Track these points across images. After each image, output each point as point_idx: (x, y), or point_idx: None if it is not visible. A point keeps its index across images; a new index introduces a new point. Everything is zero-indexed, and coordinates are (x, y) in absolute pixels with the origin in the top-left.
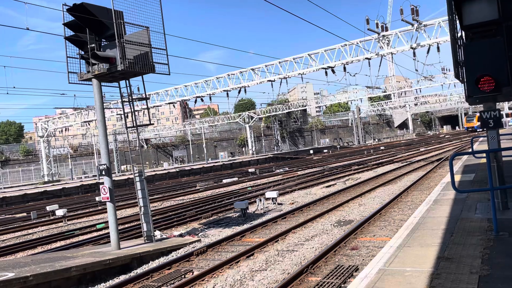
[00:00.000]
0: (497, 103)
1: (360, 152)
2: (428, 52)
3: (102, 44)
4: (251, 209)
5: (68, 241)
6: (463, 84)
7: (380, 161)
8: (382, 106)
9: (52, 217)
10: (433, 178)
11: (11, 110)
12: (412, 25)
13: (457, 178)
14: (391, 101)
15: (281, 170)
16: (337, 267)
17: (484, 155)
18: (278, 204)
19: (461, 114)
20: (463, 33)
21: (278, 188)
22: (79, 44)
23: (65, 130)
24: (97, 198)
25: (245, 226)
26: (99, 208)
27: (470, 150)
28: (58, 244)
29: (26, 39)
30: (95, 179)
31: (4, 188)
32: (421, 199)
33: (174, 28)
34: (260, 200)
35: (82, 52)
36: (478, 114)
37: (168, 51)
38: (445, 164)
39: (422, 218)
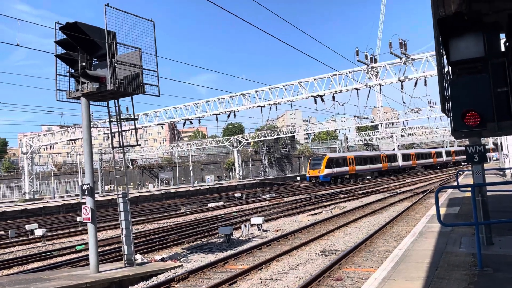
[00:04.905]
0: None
1: (347, 180)
2: (415, 85)
3: (93, 63)
4: (236, 235)
5: (45, 262)
6: (449, 118)
7: (366, 190)
8: (370, 136)
9: (30, 237)
10: (418, 210)
11: None
12: (401, 58)
13: (442, 211)
14: (378, 132)
15: (268, 196)
16: None
17: (469, 188)
18: (264, 230)
19: (446, 146)
20: (450, 68)
21: (264, 214)
22: (69, 62)
23: (50, 147)
24: (78, 219)
25: (229, 252)
26: (80, 228)
27: (455, 183)
28: (35, 265)
29: (17, 54)
30: (78, 198)
31: None
32: (406, 231)
33: (166, 50)
34: (245, 226)
35: (72, 70)
36: (328, 155)
37: (159, 73)
38: (430, 196)
39: (407, 251)
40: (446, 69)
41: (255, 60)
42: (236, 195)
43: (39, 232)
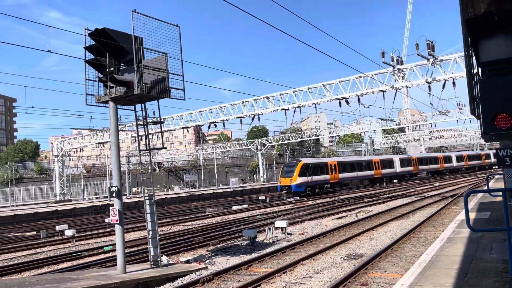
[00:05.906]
0: None
1: (373, 184)
2: (443, 87)
3: (121, 68)
4: (260, 237)
5: (75, 262)
6: (479, 121)
7: (393, 194)
8: (396, 138)
9: (61, 237)
10: (447, 215)
11: (28, 129)
12: (428, 59)
13: (472, 216)
14: (405, 134)
15: (292, 199)
16: None
17: (500, 193)
18: (288, 234)
19: (476, 150)
20: (479, 69)
21: (288, 217)
22: (98, 67)
23: (80, 150)
24: (106, 220)
25: (253, 255)
26: (108, 230)
27: (485, 187)
28: (65, 264)
29: (49, 60)
30: (106, 200)
31: (16, 205)
32: (434, 236)
33: (192, 54)
34: (269, 229)
35: (101, 75)
36: (303, 161)
37: (184, 77)
38: (459, 200)
39: (435, 256)
40: (475, 70)
41: (279, 64)
42: (260, 198)
43: (69, 232)
